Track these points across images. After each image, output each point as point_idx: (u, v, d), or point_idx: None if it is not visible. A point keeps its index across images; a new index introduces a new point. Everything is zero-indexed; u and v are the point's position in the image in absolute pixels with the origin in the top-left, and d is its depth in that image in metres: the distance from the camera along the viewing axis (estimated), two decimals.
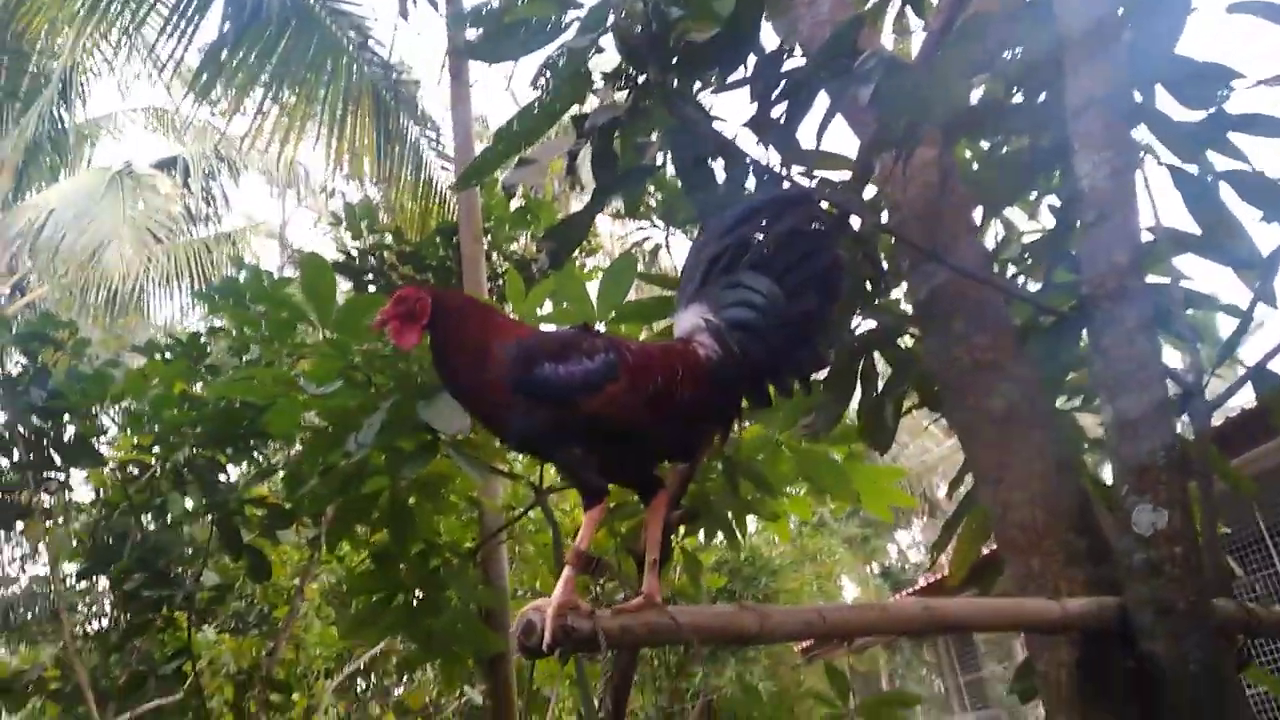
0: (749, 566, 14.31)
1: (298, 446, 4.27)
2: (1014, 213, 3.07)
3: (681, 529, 3.69)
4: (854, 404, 3.10)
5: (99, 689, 4.31)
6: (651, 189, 3.86)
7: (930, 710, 15.98)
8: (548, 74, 2.21)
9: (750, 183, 2.15)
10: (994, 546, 3.09)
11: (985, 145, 2.80)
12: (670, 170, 2.92)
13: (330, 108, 6.74)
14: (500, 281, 6.15)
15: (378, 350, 3.34)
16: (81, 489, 5.25)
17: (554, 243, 2.24)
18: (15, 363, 4.71)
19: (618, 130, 2.09)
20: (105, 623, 5.45)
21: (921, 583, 16.63)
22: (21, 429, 4.52)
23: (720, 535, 3.74)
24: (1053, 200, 3.09)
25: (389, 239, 6.42)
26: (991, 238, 3.00)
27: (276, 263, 17.61)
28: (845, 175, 2.26)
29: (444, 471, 3.63)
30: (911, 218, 2.21)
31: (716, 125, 2.12)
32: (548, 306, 3.32)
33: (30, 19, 7.62)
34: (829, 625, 1.40)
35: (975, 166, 2.80)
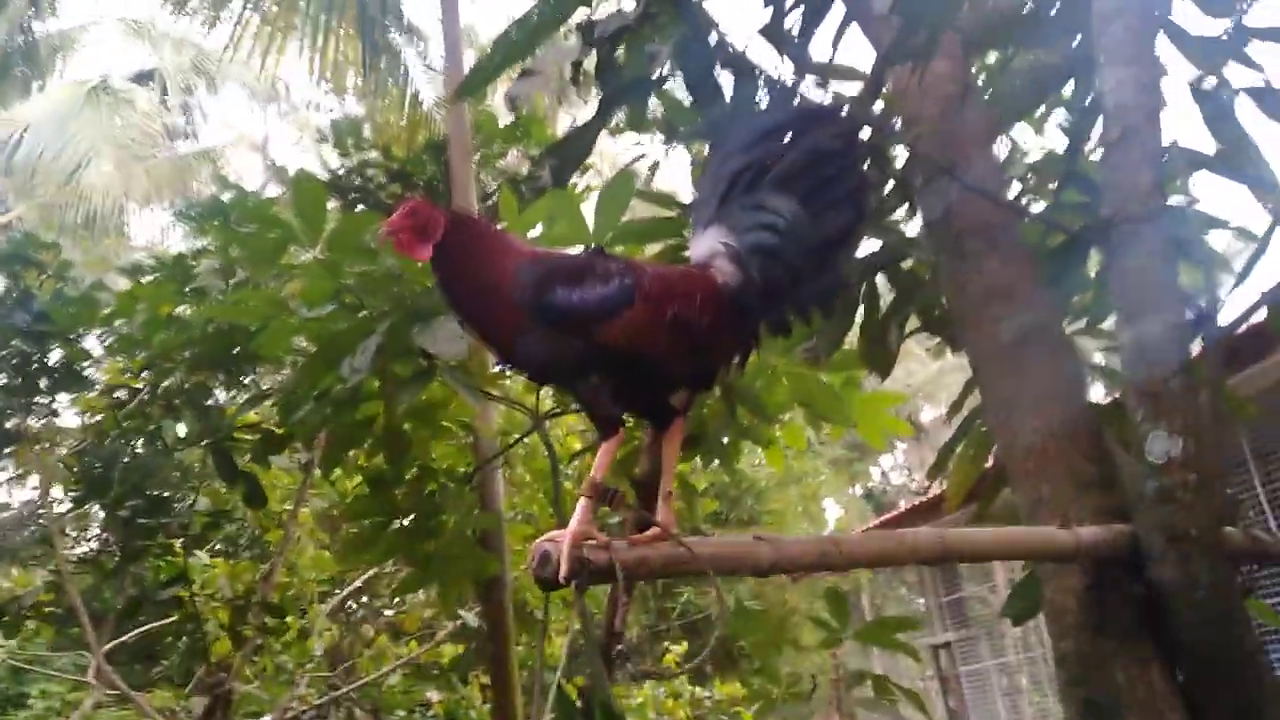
0: (734, 488, 14.46)
1: (289, 371, 4.21)
2: (1019, 130, 2.99)
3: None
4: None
5: (93, 613, 4.33)
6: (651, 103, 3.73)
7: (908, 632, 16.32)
8: None
9: (761, 96, 2.06)
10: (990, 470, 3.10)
11: (994, 58, 2.72)
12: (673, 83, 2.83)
13: (313, 18, 6.50)
14: (491, 201, 6.02)
15: (371, 272, 3.26)
16: (69, 414, 5.20)
17: (557, 159, 2.15)
18: None
19: (625, 39, 1.99)
20: (98, 547, 5.43)
21: (904, 505, 16.89)
22: (7, 354, 4.45)
23: (715, 461, 3.74)
24: (1061, 118, 3.02)
25: (376, 156, 6.26)
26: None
27: (259, 179, 17.27)
28: (858, 88, 2.17)
29: (439, 396, 3.59)
30: (927, 133, 2.13)
31: (727, 34, 2.03)
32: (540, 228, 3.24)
33: None
34: (844, 555, 1.38)
35: (982, 81, 2.71)
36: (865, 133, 2.09)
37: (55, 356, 4.47)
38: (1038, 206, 2.77)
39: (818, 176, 1.40)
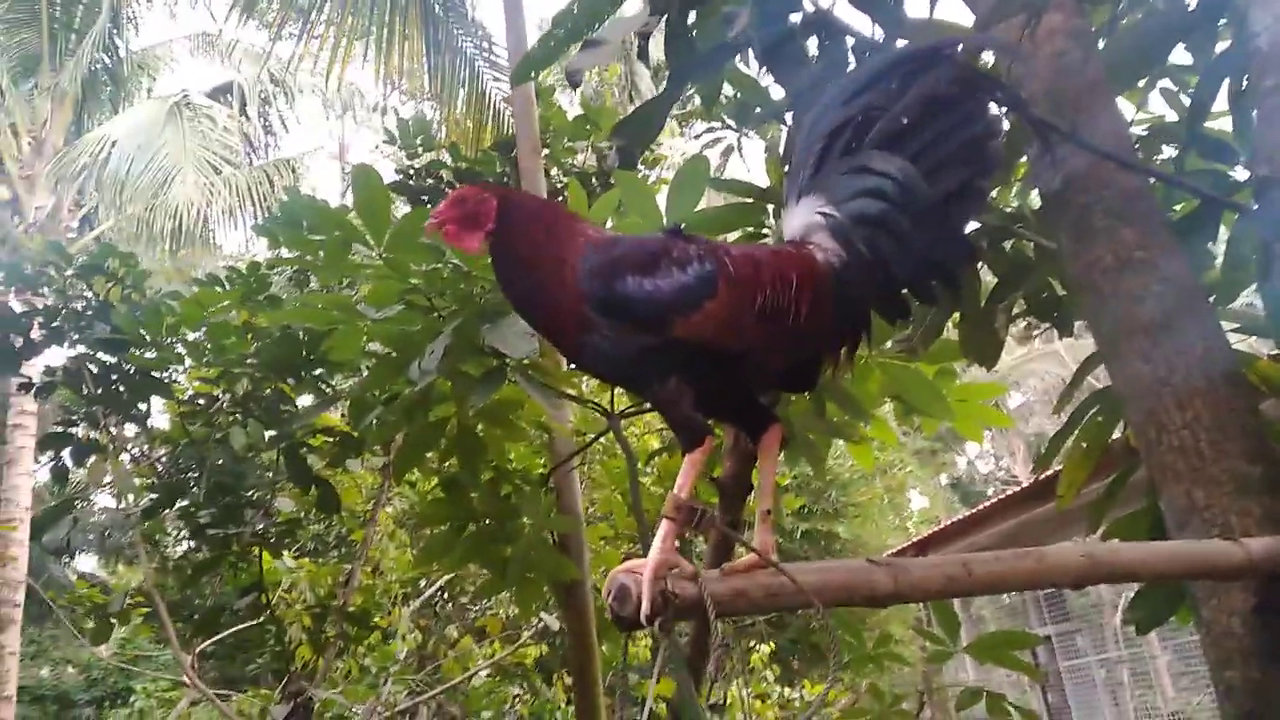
0: (818, 481, 14.13)
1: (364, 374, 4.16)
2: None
3: None
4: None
5: (181, 618, 4.33)
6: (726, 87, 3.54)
7: (1004, 621, 15.78)
8: None
9: (850, 63, 1.85)
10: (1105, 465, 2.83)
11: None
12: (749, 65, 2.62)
13: (378, 21, 6.44)
14: (561, 197, 5.89)
15: (439, 270, 3.14)
16: (163, 421, 5.24)
17: (624, 138, 1.96)
18: (80, 296, 4.64)
19: (696, 5, 1.80)
20: (183, 552, 5.47)
21: (992, 494, 16.30)
22: (89, 364, 4.48)
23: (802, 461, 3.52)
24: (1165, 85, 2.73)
25: (445, 156, 6.18)
26: None
27: (339, 187, 17.52)
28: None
29: (513, 397, 3.47)
30: (1040, 94, 1.89)
31: None
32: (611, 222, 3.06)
33: None
34: (976, 580, 1.17)
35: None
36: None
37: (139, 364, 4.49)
38: None
39: (932, 127, 1.17)
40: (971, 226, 2.51)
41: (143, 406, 4.46)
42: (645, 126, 1.97)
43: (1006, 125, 2.30)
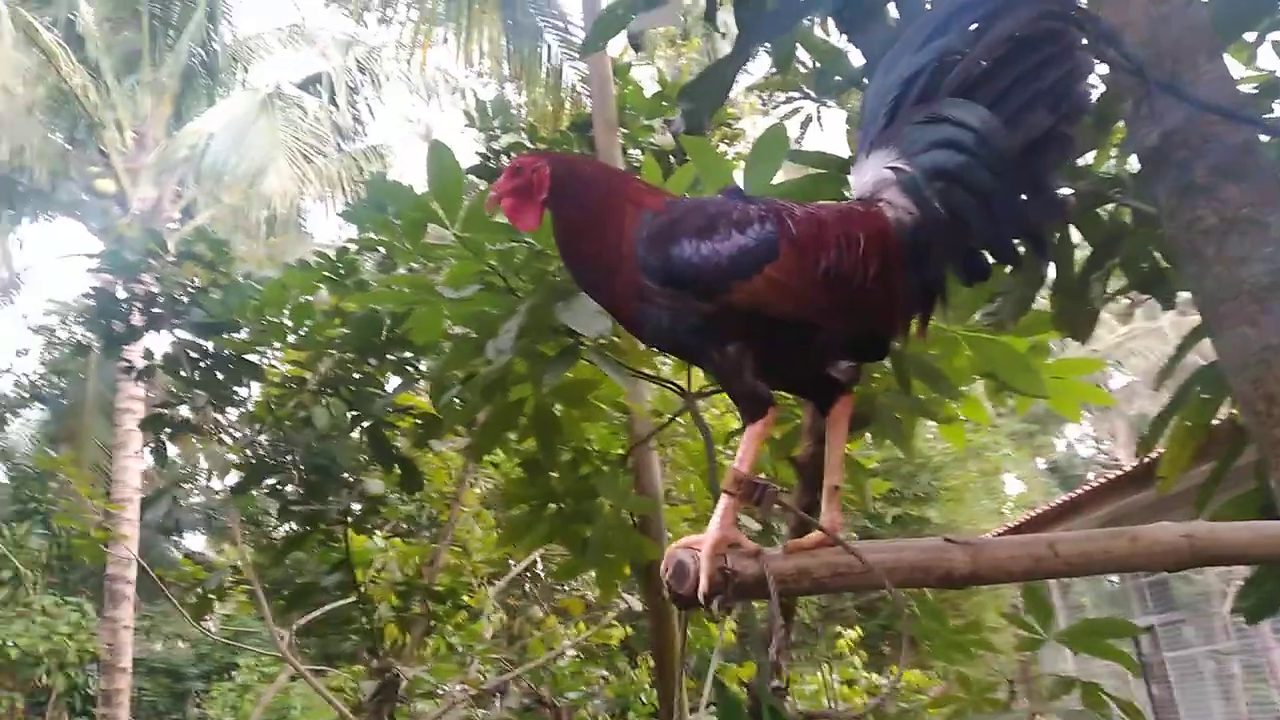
0: (908, 465, 13.85)
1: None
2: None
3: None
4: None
5: (279, 595, 4.45)
6: (803, 56, 3.44)
7: (1104, 609, 15.24)
8: None
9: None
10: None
11: None
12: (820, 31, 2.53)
13: (457, 4, 6.48)
14: (638, 175, 5.84)
15: (514, 250, 3.13)
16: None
17: (692, 102, 1.90)
18: (176, 282, 4.80)
19: None
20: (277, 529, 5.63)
21: (1093, 478, 15.74)
22: (186, 349, 4.63)
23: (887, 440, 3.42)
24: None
25: (524, 138, 6.19)
26: None
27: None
28: None
29: (590, 377, 3.45)
30: (1135, 44, 1.76)
31: None
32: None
33: None
34: (1063, 560, 1.09)
35: None
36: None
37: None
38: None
39: (1013, 71, 1.08)
40: (1061, 187, 2.39)
41: (239, 389, 4.60)
42: (713, 89, 1.90)
43: (1099, 77, 2.17)
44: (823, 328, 1.11)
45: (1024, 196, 1.07)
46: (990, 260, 1.11)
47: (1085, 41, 1.11)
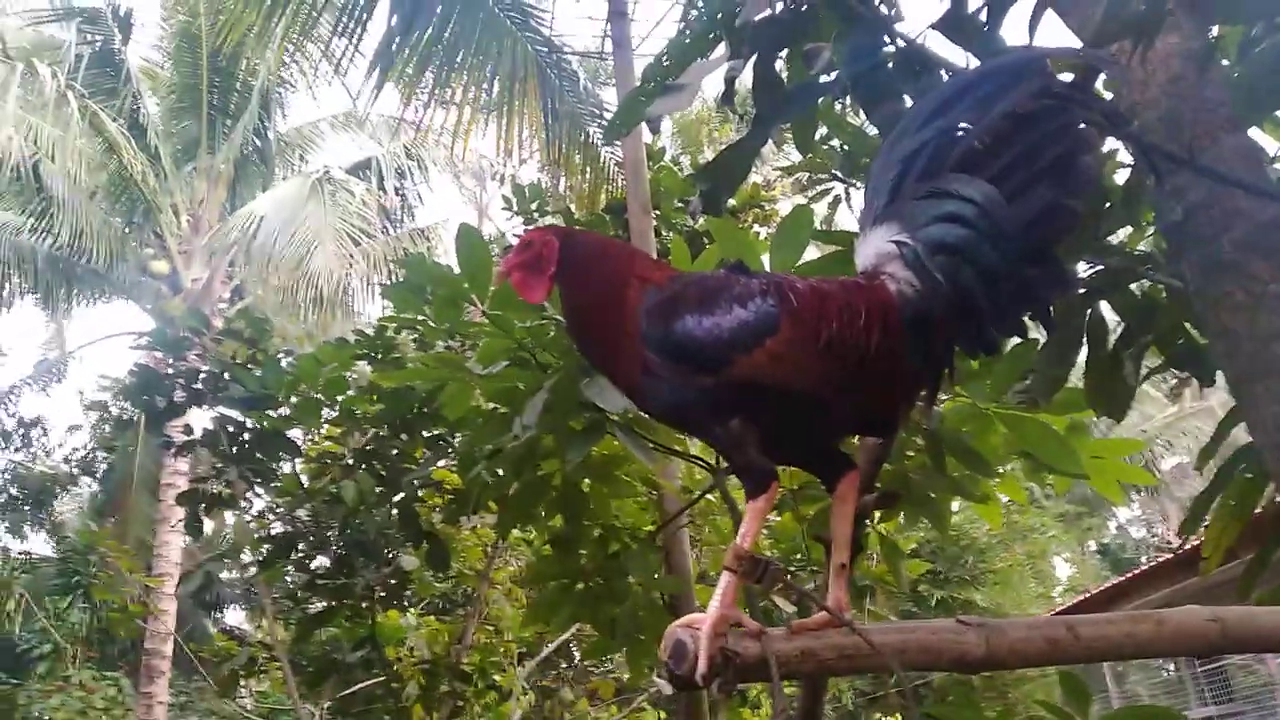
0: (953, 546, 13.53)
1: None
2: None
3: (877, 514, 3.32)
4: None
5: (300, 670, 4.41)
6: (834, 142, 3.48)
7: (1159, 699, 14.59)
8: None
9: None
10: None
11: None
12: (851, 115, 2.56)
13: (499, 91, 6.69)
14: (668, 256, 5.91)
15: (543, 327, 3.17)
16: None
17: (709, 182, 1.92)
18: (218, 360, 4.90)
19: (785, 45, 1.75)
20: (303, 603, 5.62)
21: (1145, 562, 15.23)
22: (226, 425, 4.71)
23: (922, 520, 3.34)
24: None
25: (562, 221, 6.31)
26: None
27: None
28: (1065, 77, 1.83)
29: (618, 453, 3.44)
30: (1155, 121, 1.76)
31: (899, 28, 1.75)
32: None
33: (227, 33, 7.96)
34: (1083, 645, 1.04)
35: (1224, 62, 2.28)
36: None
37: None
38: None
39: (1015, 147, 1.08)
40: (1071, 261, 2.37)
41: (276, 465, 4.65)
42: (730, 170, 1.92)
43: (1118, 150, 2.17)
44: (826, 402, 1.09)
45: (1028, 269, 1.06)
46: (996, 334, 1.09)
47: (1089, 120, 1.10)
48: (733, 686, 0.95)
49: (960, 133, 1.13)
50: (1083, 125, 1.09)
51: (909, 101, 1.84)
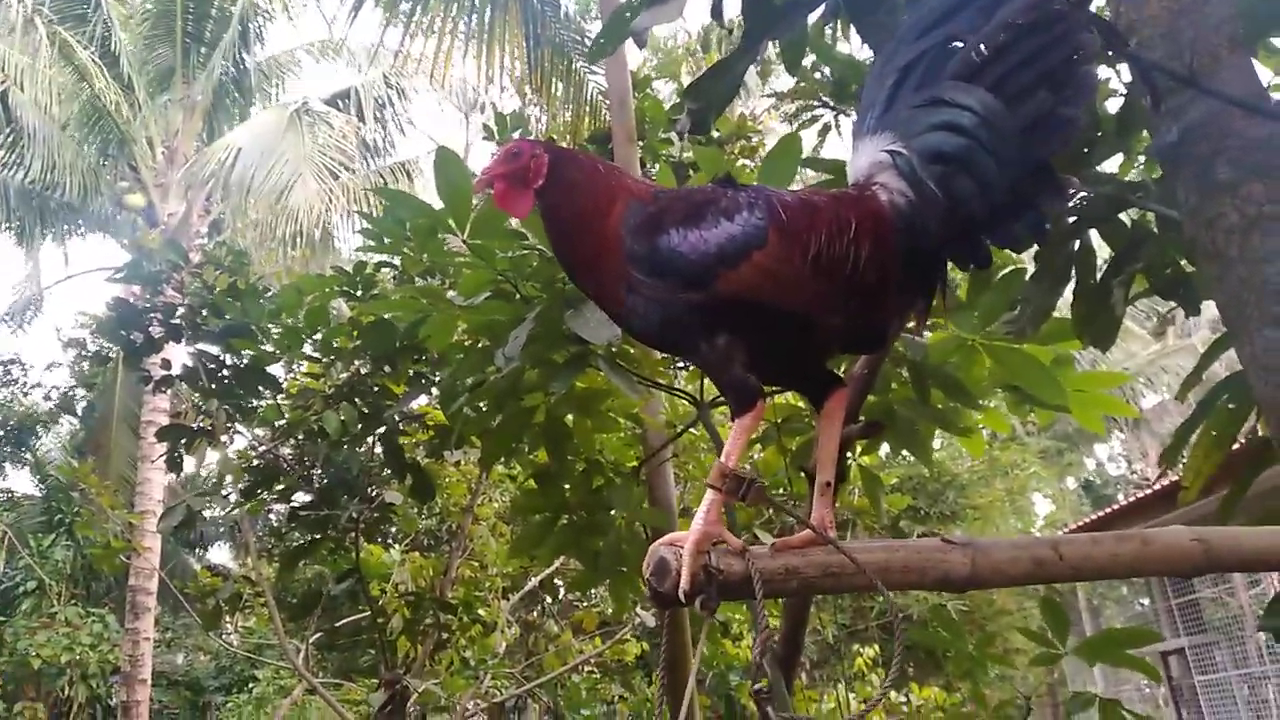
0: (933, 482, 13.69)
1: None
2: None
3: (859, 445, 3.32)
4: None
5: (285, 605, 4.43)
6: (824, 68, 3.41)
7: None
8: None
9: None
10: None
11: None
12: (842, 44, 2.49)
13: (479, 16, 6.51)
14: None
15: (526, 257, 3.11)
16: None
17: (698, 100, 1.86)
18: (195, 293, 4.82)
19: None
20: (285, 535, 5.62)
21: (1123, 498, 15.48)
22: (204, 360, 4.64)
23: (905, 452, 3.35)
24: None
25: None
26: None
27: None
28: None
29: (602, 386, 3.41)
30: (1156, 38, 1.71)
31: None
32: None
33: None
34: (1067, 564, 1.03)
35: None
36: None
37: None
38: None
39: (1014, 55, 1.04)
40: (1066, 174, 2.33)
41: (256, 399, 4.60)
42: (720, 88, 1.86)
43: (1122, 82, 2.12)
44: (815, 317, 1.06)
45: (1023, 179, 1.02)
46: (990, 246, 1.06)
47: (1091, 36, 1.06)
48: (715, 604, 0.94)
49: (959, 42, 1.09)
50: (1083, 34, 1.04)
51: (903, 15, 1.79)
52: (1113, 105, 2.58)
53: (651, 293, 1.08)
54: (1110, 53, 1.58)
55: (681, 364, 4.06)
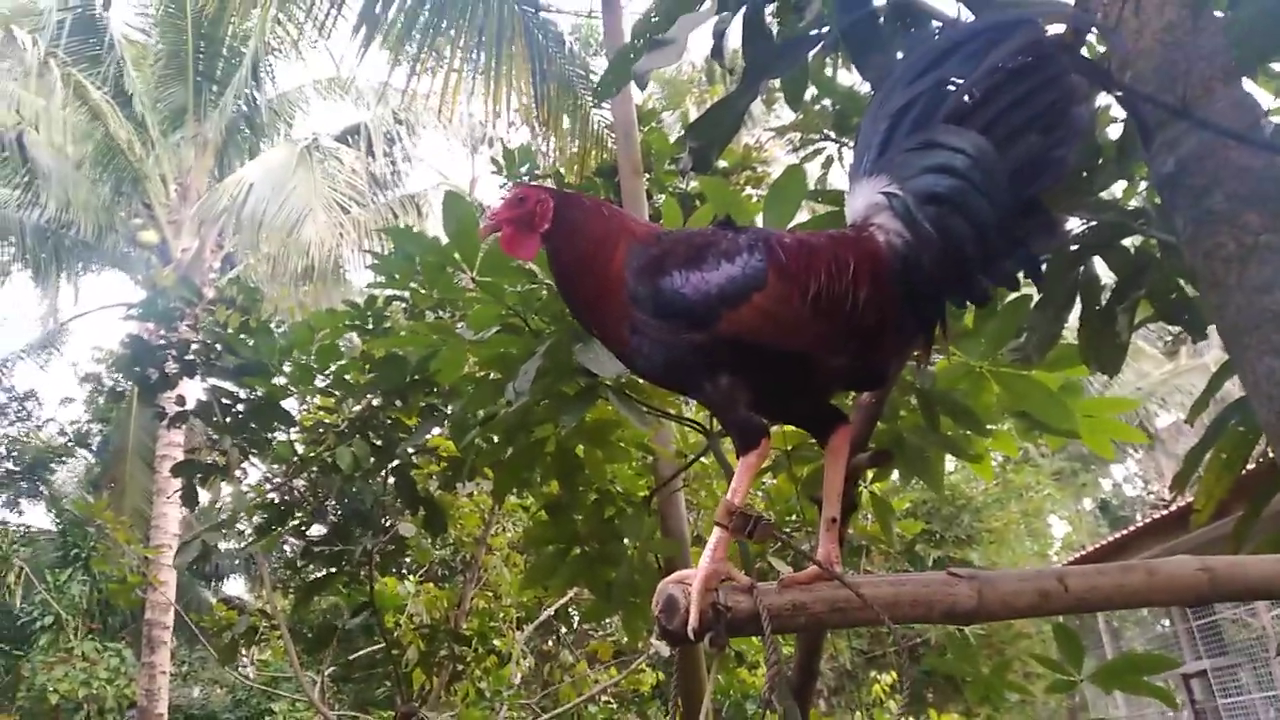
0: (948, 506, 13.61)
1: None
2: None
3: (870, 474, 3.33)
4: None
5: (300, 637, 4.44)
6: (826, 101, 3.45)
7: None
8: None
9: None
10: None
11: None
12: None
13: (487, 53, 6.60)
14: (662, 220, 5.87)
15: (534, 292, 3.15)
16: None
17: (699, 138, 1.89)
18: (210, 329, 4.87)
19: None
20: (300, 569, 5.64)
21: (1140, 519, 15.35)
22: (219, 396, 4.69)
23: (916, 479, 3.35)
24: None
25: (551, 184, 6.26)
26: None
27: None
28: (1057, 30, 1.80)
29: (612, 418, 3.44)
30: (1148, 71, 1.73)
31: None
32: None
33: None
34: (1073, 595, 1.05)
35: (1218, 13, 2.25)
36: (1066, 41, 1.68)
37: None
38: None
39: (1005, 98, 1.07)
40: (1081, 222, 2.36)
41: (270, 435, 4.64)
42: (720, 125, 1.90)
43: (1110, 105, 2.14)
44: (815, 356, 1.09)
45: (1016, 219, 1.05)
46: (987, 285, 1.08)
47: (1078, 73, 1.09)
48: (724, 640, 0.96)
49: (951, 87, 1.12)
50: (1072, 77, 1.07)
51: (900, 54, 1.82)
52: (1114, 131, 2.61)
53: (655, 334, 1.11)
54: (1105, 89, 1.60)
55: None
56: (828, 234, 1.13)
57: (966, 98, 1.09)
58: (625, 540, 3.62)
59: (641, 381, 3.33)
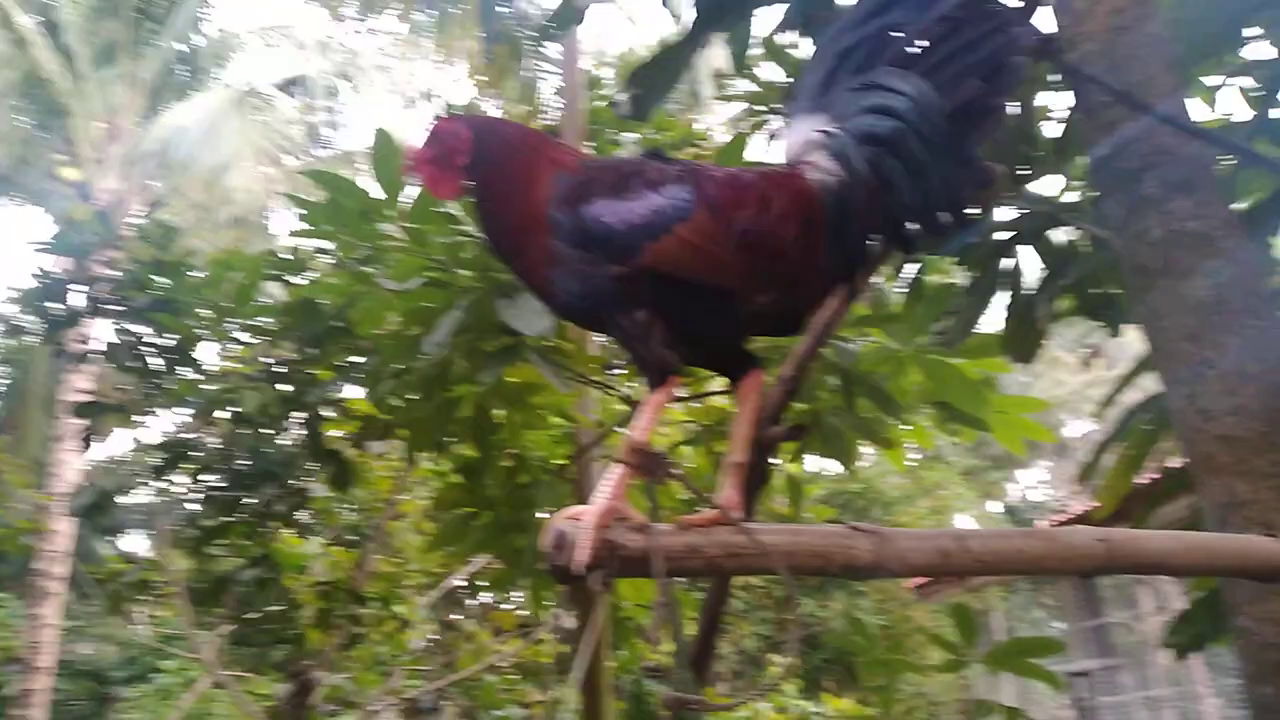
0: (861, 499, 13.84)
1: None
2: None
3: (787, 451, 3.32)
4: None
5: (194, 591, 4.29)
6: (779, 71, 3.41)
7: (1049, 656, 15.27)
8: None
9: None
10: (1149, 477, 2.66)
11: None
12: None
13: (436, 9, 6.45)
14: None
15: (460, 243, 3.06)
16: None
17: (639, 86, 1.84)
18: (123, 268, 4.65)
19: None
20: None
21: (1044, 524, 15.83)
22: (128, 336, 4.48)
23: (831, 464, 3.37)
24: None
25: None
26: None
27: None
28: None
29: (534, 381, 3.37)
30: (1095, 54, 1.73)
31: None
32: None
33: None
34: (974, 557, 1.03)
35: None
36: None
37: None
38: None
39: (949, 48, 1.05)
40: (1012, 208, 2.37)
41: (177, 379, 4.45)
42: (662, 75, 1.85)
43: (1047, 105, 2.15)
44: (737, 295, 1.05)
45: (950, 166, 1.03)
46: (916, 231, 1.06)
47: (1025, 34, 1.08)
48: (612, 580, 0.91)
49: (897, 32, 1.09)
50: (1016, 29, 1.05)
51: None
52: (1051, 130, 2.64)
53: (576, 265, 1.06)
54: (1049, 61, 1.59)
55: (619, 366, 4.04)
56: (760, 170, 1.10)
57: (912, 43, 1.06)
58: (538, 508, 3.56)
59: (566, 345, 3.27)
